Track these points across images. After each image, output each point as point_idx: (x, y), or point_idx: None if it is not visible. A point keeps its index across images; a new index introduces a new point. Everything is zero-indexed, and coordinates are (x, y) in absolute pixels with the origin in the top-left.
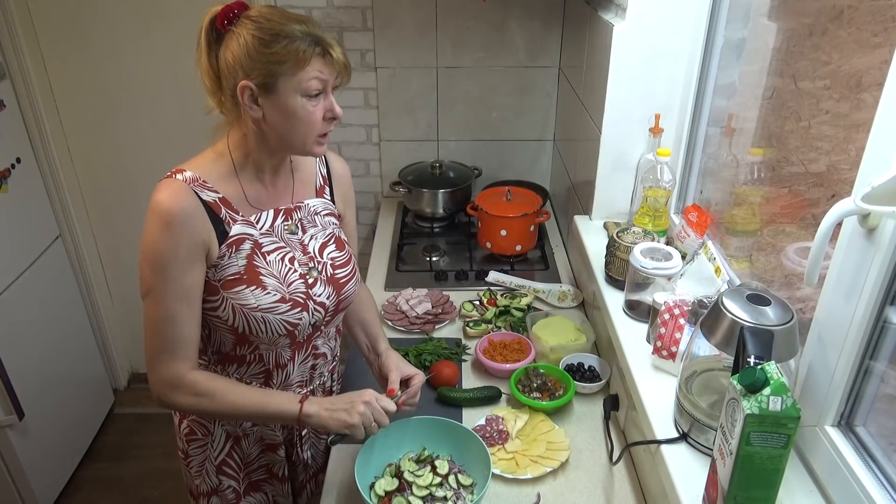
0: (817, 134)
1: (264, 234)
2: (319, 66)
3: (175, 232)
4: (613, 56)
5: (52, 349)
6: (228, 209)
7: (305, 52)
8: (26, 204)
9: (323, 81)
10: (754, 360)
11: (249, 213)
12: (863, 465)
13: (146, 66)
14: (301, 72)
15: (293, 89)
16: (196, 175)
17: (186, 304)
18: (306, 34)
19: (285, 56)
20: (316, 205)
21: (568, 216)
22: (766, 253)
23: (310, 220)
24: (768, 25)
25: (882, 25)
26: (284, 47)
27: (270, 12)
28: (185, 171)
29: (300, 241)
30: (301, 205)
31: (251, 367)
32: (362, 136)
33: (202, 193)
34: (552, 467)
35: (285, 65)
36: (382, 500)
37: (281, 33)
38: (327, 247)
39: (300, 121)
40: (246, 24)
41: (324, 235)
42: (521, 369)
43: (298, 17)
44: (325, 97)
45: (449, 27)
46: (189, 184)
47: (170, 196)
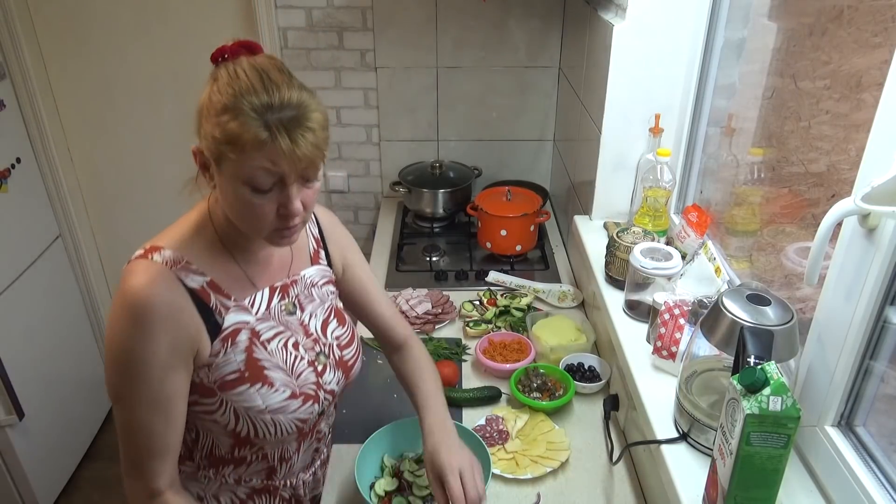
0: (817, 134)
1: (261, 318)
2: (269, 157)
3: (152, 331)
4: (613, 56)
5: (52, 349)
6: (218, 294)
7: (246, 136)
8: (26, 204)
9: (274, 174)
10: (754, 360)
11: (242, 294)
12: (863, 465)
13: (146, 66)
14: (243, 159)
15: (235, 176)
16: (178, 255)
17: (164, 414)
18: (261, 112)
19: (226, 135)
20: (312, 275)
21: (568, 216)
22: (766, 253)
23: (307, 294)
24: (768, 25)
25: (882, 25)
26: (227, 124)
27: (246, 70)
28: (164, 250)
29: (300, 321)
30: (297, 278)
31: (251, 466)
32: (362, 136)
33: (187, 279)
34: (552, 467)
35: (226, 145)
36: (382, 500)
37: (230, 105)
38: (329, 324)
39: (245, 213)
40: (218, 75)
41: (323, 311)
42: (521, 369)
43: (275, 83)
44: (279, 190)
45: (449, 27)
46: (171, 267)
47: (147, 285)
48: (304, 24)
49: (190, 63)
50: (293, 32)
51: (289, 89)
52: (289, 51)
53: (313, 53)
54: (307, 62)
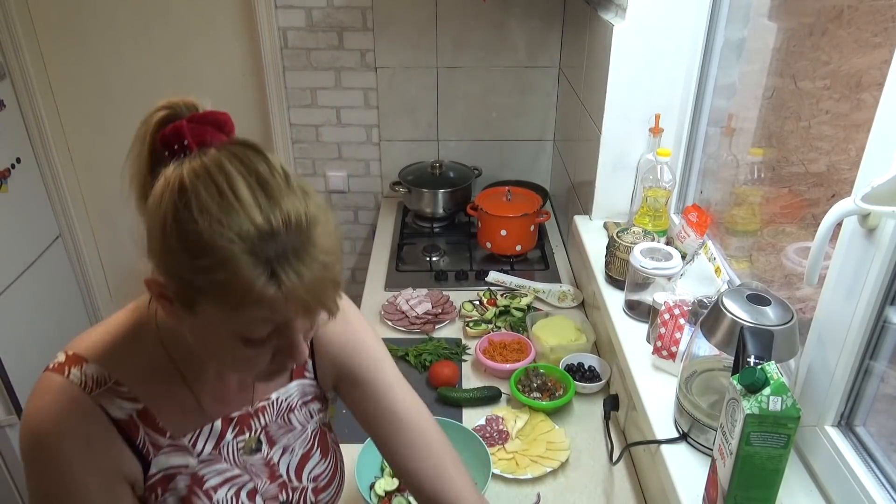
0: (817, 134)
1: (206, 461)
2: (269, 307)
3: (71, 474)
4: (613, 56)
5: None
6: (151, 429)
7: (241, 290)
8: (26, 204)
9: (274, 324)
10: (754, 360)
11: (183, 428)
12: (863, 465)
13: (146, 66)
14: (235, 314)
15: (222, 325)
16: (104, 372)
17: None
18: (258, 249)
19: (209, 287)
20: (290, 396)
21: (568, 216)
22: (766, 253)
23: (281, 423)
24: (768, 25)
25: (882, 25)
26: (209, 273)
27: (228, 176)
28: (87, 364)
29: (266, 460)
30: (266, 403)
31: None
32: (362, 136)
33: (111, 407)
34: (552, 467)
35: (207, 298)
36: (382, 500)
37: (210, 244)
38: (309, 459)
39: (228, 362)
40: (182, 180)
41: (304, 443)
42: (521, 369)
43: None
44: (278, 335)
45: (449, 27)
46: (91, 392)
47: (54, 418)
48: (304, 24)
49: (190, 63)
50: (293, 32)
51: (288, 197)
52: (289, 51)
53: (313, 53)
54: (307, 62)
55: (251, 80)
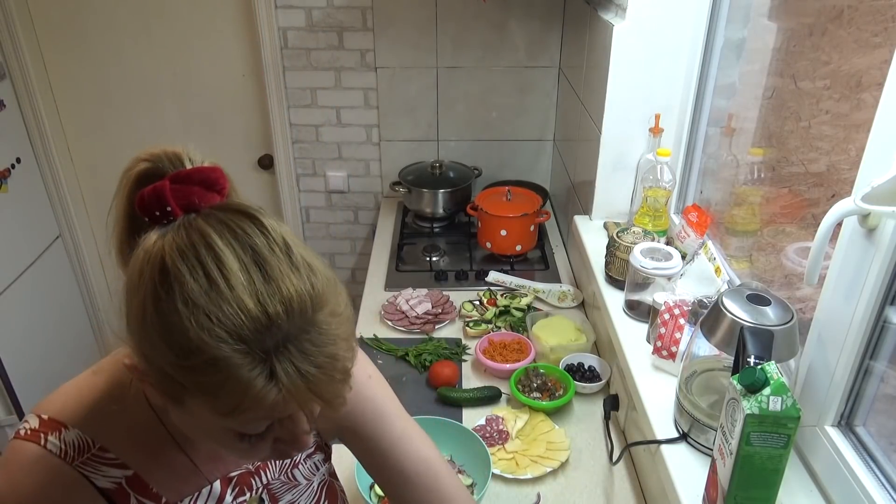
0: (817, 134)
1: None
2: (268, 408)
3: None
4: (613, 56)
5: (52, 349)
6: (142, 496)
7: (242, 390)
8: (26, 204)
9: (273, 419)
10: (754, 360)
11: (179, 493)
12: (863, 465)
13: (146, 66)
14: (229, 417)
15: (213, 420)
16: (86, 438)
17: None
18: (255, 345)
19: (199, 389)
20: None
21: (568, 216)
22: (766, 253)
23: (284, 479)
24: (768, 25)
25: (882, 25)
26: (199, 373)
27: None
28: (66, 430)
29: None
30: (267, 461)
31: None
32: (362, 136)
33: (96, 476)
34: (552, 467)
35: (197, 398)
36: (382, 500)
37: (198, 344)
38: None
39: (228, 449)
40: (159, 265)
41: (310, 498)
42: (521, 369)
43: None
44: (280, 426)
45: (449, 27)
46: (72, 460)
47: (29, 490)
48: (304, 24)
49: (190, 63)
50: (293, 32)
51: (290, 276)
52: (289, 51)
53: (313, 53)
54: (307, 62)
55: (251, 80)
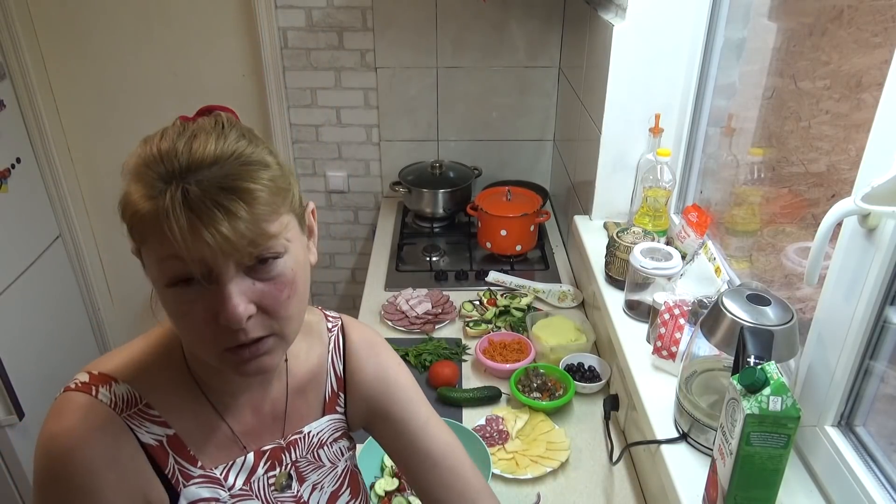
0: (817, 134)
1: (238, 495)
2: (172, 239)
3: (97, 489)
4: (613, 56)
5: (52, 349)
6: (180, 457)
7: (141, 207)
8: (26, 204)
9: (182, 260)
10: (754, 360)
11: (215, 459)
12: (863, 465)
13: (146, 66)
14: (144, 245)
15: (152, 269)
16: (134, 392)
17: None
18: (172, 177)
19: (125, 212)
20: (322, 430)
21: (568, 216)
22: (766, 253)
23: (311, 459)
24: (768, 25)
25: (882, 25)
26: (126, 188)
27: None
28: (117, 383)
29: (296, 497)
30: (298, 437)
31: None
32: (362, 136)
33: (141, 430)
34: (552, 467)
35: (127, 227)
36: (382, 500)
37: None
38: (338, 498)
39: (177, 324)
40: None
41: (334, 480)
42: (521, 369)
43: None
44: (204, 285)
45: (449, 27)
46: (120, 411)
47: (80, 431)
48: (304, 24)
49: (190, 63)
50: (293, 32)
51: (216, 141)
52: (289, 51)
53: (313, 53)
54: (307, 62)
55: (251, 80)
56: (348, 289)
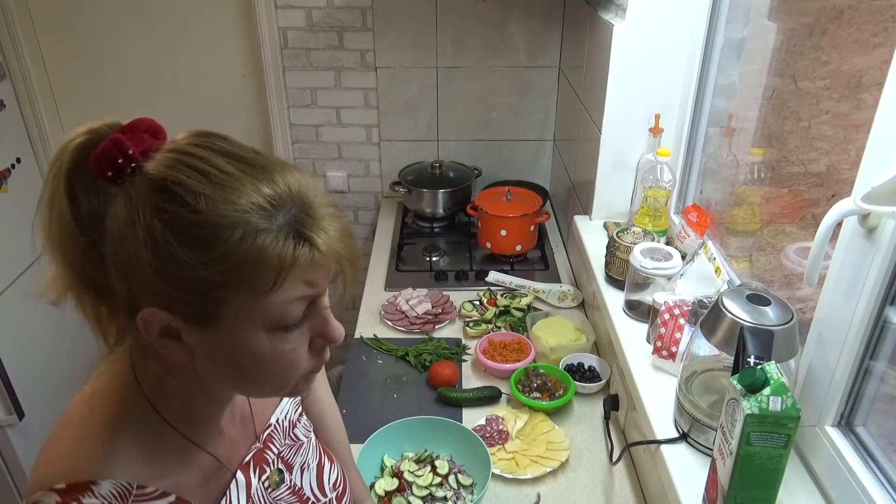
0: (817, 134)
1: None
2: (306, 274)
3: None
4: (613, 56)
5: (52, 349)
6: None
7: (280, 256)
8: (26, 204)
9: (309, 298)
10: (754, 360)
11: (212, 498)
12: (863, 465)
13: (146, 66)
14: (269, 298)
15: (255, 321)
16: (120, 483)
17: None
18: (278, 206)
19: (238, 269)
20: (287, 411)
21: (568, 216)
22: (766, 253)
23: (290, 441)
24: (768, 25)
25: (882, 25)
26: (236, 252)
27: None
28: (99, 484)
29: (292, 487)
30: (270, 430)
31: None
32: (362, 136)
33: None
34: (552, 467)
35: (237, 284)
36: (382, 500)
37: (227, 220)
38: (324, 469)
39: (267, 367)
40: (150, 191)
41: (315, 454)
42: (521, 369)
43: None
44: (313, 313)
45: (449, 27)
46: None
47: None
48: (304, 24)
49: (190, 63)
50: (293, 32)
51: (271, 164)
52: (289, 51)
53: (313, 53)
54: (307, 62)
55: (251, 80)
56: None
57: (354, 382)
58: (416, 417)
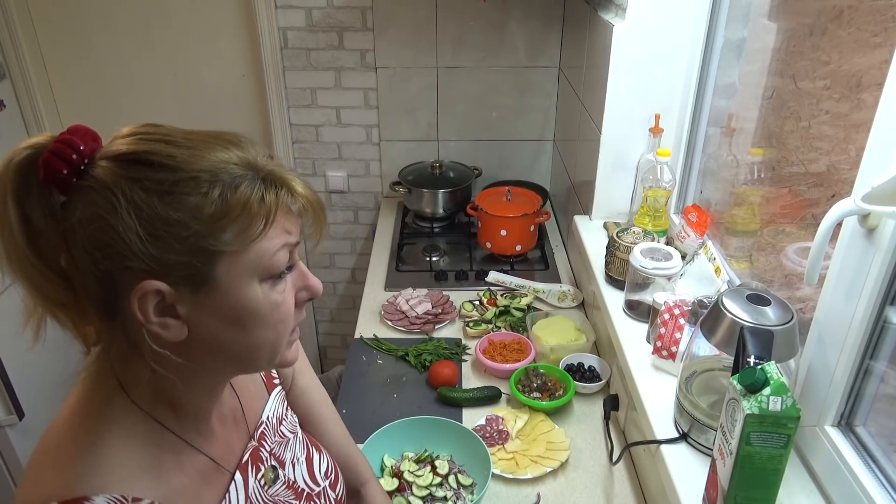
0: (817, 134)
1: None
2: (284, 222)
3: None
4: (613, 56)
5: (52, 349)
6: None
7: (263, 201)
8: None
9: (291, 246)
10: (754, 360)
11: (210, 501)
12: (863, 465)
13: (146, 66)
14: (260, 241)
15: (247, 274)
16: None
17: None
18: (249, 165)
19: (227, 218)
20: (275, 407)
21: (568, 216)
22: (766, 253)
23: (280, 438)
24: (768, 25)
25: (882, 25)
26: (223, 201)
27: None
28: (92, 499)
29: (287, 482)
30: (263, 427)
31: None
32: (362, 136)
33: None
34: (552, 467)
35: (227, 233)
36: None
37: (205, 174)
38: (313, 461)
39: (265, 321)
40: (120, 169)
41: (302, 447)
42: (521, 369)
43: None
44: (292, 268)
45: (449, 27)
46: None
47: None
48: (304, 24)
49: (190, 63)
50: (293, 32)
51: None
52: (289, 51)
53: (313, 53)
54: (307, 62)
55: (251, 80)
56: (348, 289)
57: (354, 382)
58: (416, 417)
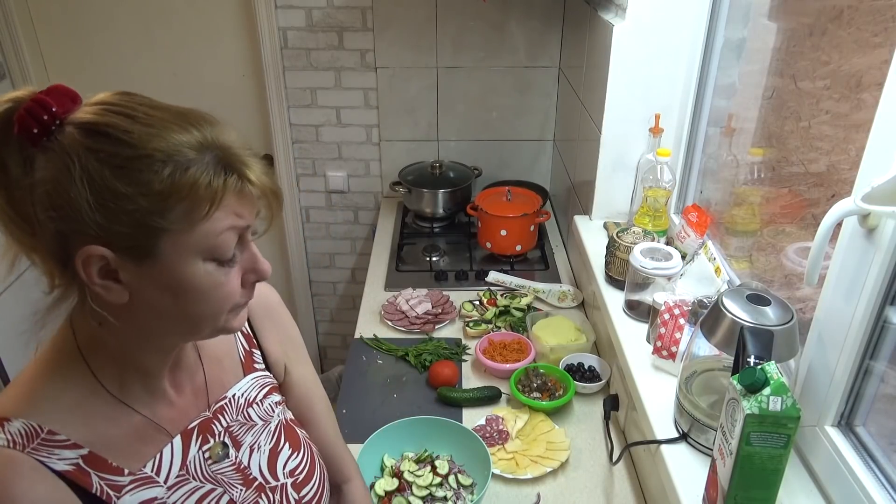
0: (817, 134)
1: (175, 484)
2: (235, 206)
3: None
4: (613, 56)
5: None
6: (103, 472)
7: (211, 185)
8: None
9: (241, 229)
10: (754, 360)
11: (142, 458)
12: (863, 465)
13: (146, 66)
14: (205, 222)
15: (191, 252)
16: (32, 424)
17: None
18: (204, 147)
19: (174, 197)
20: (247, 390)
21: (568, 216)
22: (766, 253)
23: (242, 420)
24: (768, 25)
25: (882, 25)
26: (171, 181)
27: (128, 104)
28: (10, 421)
29: (236, 464)
30: (224, 402)
31: None
32: (362, 136)
33: (51, 459)
34: (552, 467)
35: (173, 213)
36: (382, 500)
37: (159, 153)
38: (279, 455)
39: (205, 298)
40: (81, 137)
41: (269, 437)
42: (521, 369)
43: (184, 113)
44: (243, 250)
45: (449, 27)
46: (23, 450)
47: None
48: (304, 24)
49: (190, 63)
50: (293, 32)
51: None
52: (289, 51)
53: (313, 53)
54: (307, 62)
55: (251, 80)
56: (348, 289)
57: (354, 382)
58: (416, 417)
